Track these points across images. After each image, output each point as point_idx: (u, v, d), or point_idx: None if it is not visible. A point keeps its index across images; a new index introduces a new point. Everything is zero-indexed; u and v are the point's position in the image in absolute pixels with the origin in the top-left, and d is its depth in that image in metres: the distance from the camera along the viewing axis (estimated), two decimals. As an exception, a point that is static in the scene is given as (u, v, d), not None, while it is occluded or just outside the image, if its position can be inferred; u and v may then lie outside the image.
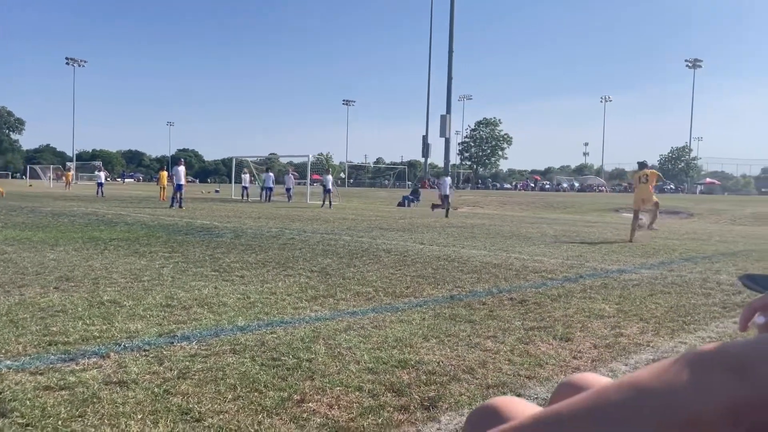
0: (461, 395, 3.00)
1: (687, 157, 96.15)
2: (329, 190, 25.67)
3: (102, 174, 33.21)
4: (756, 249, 11.02)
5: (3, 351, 3.45)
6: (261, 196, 29.89)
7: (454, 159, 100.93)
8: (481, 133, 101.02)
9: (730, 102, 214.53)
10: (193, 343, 3.76)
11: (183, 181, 21.28)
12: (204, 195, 24.17)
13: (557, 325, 4.53)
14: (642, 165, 13.75)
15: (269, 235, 11.12)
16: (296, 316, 4.61)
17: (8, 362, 3.26)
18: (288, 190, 30.56)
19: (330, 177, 26.44)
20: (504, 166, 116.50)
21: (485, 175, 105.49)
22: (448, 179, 23.63)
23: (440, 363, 3.50)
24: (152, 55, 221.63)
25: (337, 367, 3.38)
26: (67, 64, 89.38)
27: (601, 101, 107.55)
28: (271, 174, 31.21)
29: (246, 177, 31.95)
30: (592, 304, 5.36)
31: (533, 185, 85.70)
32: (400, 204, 29.40)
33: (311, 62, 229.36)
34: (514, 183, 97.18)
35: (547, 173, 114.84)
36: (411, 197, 30.48)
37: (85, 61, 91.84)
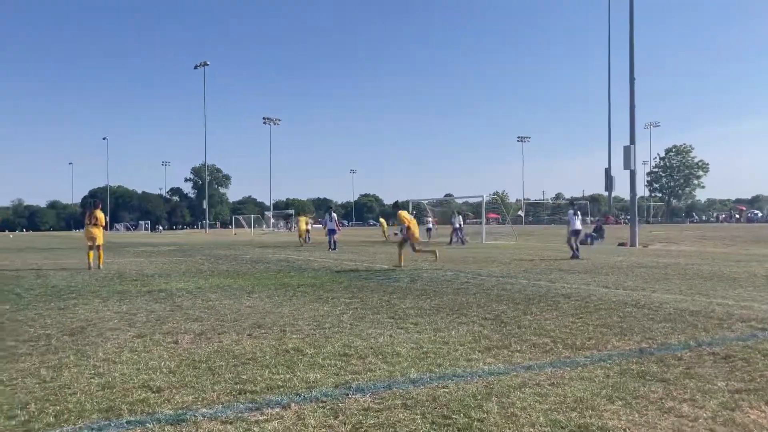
0: (652, 472, 2.66)
1: None
2: (458, 228, 27.88)
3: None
4: None
5: (201, 399, 3.79)
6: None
7: (642, 191, 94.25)
8: (672, 161, 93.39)
9: None
10: (367, 395, 3.83)
11: (334, 227, 24.63)
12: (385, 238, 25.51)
13: (772, 388, 3.89)
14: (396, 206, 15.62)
15: (444, 279, 11.15)
16: (468, 368, 4.50)
17: (204, 410, 3.56)
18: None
19: (460, 216, 28.43)
20: (701, 195, 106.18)
21: (679, 207, 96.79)
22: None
23: (626, 430, 3.16)
24: (335, 110, 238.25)
25: (510, 429, 3.20)
26: (264, 123, 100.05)
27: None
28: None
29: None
30: (819, 362, 4.54)
31: (738, 216, 76.77)
32: (582, 242, 27.92)
33: (482, 102, 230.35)
34: (714, 214, 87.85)
35: (755, 202, 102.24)
36: (594, 235, 28.74)
37: (279, 119, 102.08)
